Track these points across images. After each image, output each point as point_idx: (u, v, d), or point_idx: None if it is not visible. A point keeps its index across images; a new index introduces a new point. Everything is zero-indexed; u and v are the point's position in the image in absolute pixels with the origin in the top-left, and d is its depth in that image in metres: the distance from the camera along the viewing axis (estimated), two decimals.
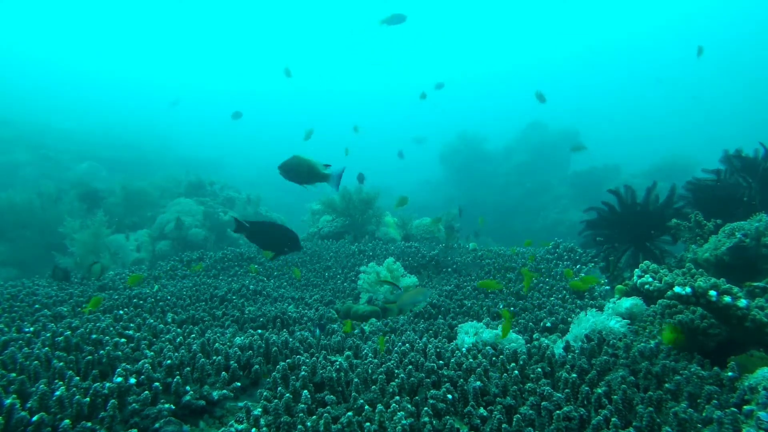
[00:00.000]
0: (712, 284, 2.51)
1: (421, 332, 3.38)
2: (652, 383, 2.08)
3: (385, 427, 1.87)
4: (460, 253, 5.72)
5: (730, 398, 1.87)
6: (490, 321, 3.46)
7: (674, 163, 15.82)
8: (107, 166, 14.70)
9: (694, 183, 4.87)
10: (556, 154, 18.19)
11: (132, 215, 9.19)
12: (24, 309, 3.61)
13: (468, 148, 19.05)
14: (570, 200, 16.38)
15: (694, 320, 2.56)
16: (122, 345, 2.73)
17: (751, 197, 4.35)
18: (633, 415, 1.83)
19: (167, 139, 23.38)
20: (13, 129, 15.49)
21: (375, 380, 2.20)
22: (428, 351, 2.59)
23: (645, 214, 4.72)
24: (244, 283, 4.64)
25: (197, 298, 4.10)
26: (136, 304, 3.79)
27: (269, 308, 3.89)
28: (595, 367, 2.24)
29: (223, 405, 2.38)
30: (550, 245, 5.39)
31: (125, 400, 2.08)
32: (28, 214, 8.07)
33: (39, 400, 1.95)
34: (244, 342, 2.85)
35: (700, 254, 3.71)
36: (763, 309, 2.43)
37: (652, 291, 3.09)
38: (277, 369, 2.38)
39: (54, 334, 2.80)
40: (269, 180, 21.48)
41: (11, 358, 2.39)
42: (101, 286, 4.66)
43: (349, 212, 7.77)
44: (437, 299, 4.14)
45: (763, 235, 3.37)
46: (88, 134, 18.19)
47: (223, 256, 5.91)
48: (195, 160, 20.60)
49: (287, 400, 2.02)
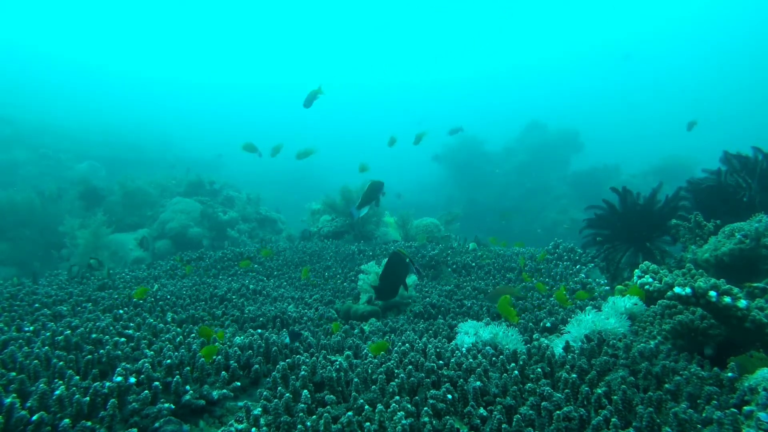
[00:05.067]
0: (712, 285, 2.51)
1: (421, 332, 3.38)
2: (652, 384, 2.08)
3: (385, 427, 1.87)
4: (460, 253, 5.72)
5: (729, 399, 1.87)
6: (490, 321, 3.46)
7: (674, 163, 15.84)
8: (107, 166, 14.69)
9: (695, 183, 4.87)
10: (555, 154, 18.20)
11: (132, 214, 9.19)
12: (24, 308, 3.60)
13: (468, 148, 19.07)
14: (570, 200, 16.39)
15: (694, 321, 2.56)
16: (122, 344, 2.73)
17: (751, 198, 4.36)
18: (633, 415, 1.83)
19: (167, 138, 23.38)
20: (12, 127, 15.48)
21: (375, 380, 2.20)
22: (428, 351, 2.59)
23: (645, 214, 4.72)
24: (244, 283, 4.64)
25: (197, 297, 4.10)
26: (135, 304, 3.79)
27: (269, 308, 3.89)
28: (595, 367, 2.24)
29: (222, 404, 2.38)
30: (550, 245, 5.39)
31: (125, 399, 2.08)
32: (28, 213, 8.07)
33: (39, 399, 1.95)
34: (244, 341, 2.85)
35: (700, 255, 3.71)
36: (762, 310, 2.44)
37: (652, 291, 3.09)
38: (277, 369, 2.38)
39: (54, 333, 2.80)
40: (269, 179, 21.50)
41: (11, 358, 2.38)
42: (101, 285, 4.65)
43: (348, 211, 7.76)
44: (437, 299, 4.14)
45: (763, 235, 3.37)
46: (87, 133, 18.18)
47: (223, 255, 5.91)
48: (195, 159, 20.60)
49: (287, 399, 2.02)
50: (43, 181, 9.81)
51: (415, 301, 4.28)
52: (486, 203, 17.06)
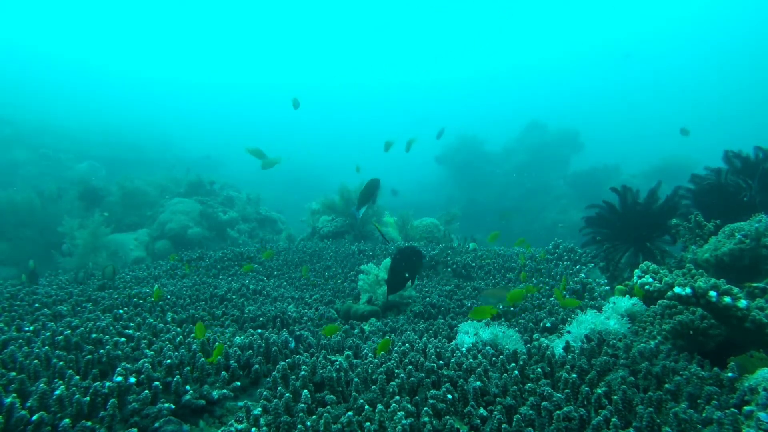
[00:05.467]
0: (712, 285, 2.51)
1: (421, 332, 3.38)
2: (652, 384, 2.08)
3: (385, 426, 1.86)
4: (460, 253, 5.72)
5: (730, 399, 1.87)
6: (490, 321, 3.46)
7: (674, 163, 15.82)
8: (107, 166, 14.68)
9: (695, 183, 4.87)
10: (555, 154, 18.20)
11: (132, 214, 9.19)
12: (24, 308, 3.60)
13: (468, 148, 19.07)
14: (570, 200, 16.39)
15: (694, 321, 2.56)
16: (122, 344, 2.73)
17: (751, 198, 4.36)
18: (633, 415, 1.83)
19: (167, 138, 23.37)
20: (12, 127, 15.48)
21: (375, 380, 2.20)
22: (428, 351, 2.59)
23: (645, 214, 4.72)
24: (244, 283, 4.64)
25: (197, 297, 4.10)
26: (135, 304, 3.79)
27: (269, 308, 3.89)
28: (595, 367, 2.24)
29: (222, 404, 2.38)
30: (550, 245, 5.39)
31: (125, 399, 2.08)
32: (28, 213, 8.07)
33: (39, 399, 1.95)
34: (244, 341, 2.85)
35: (700, 255, 3.71)
36: (762, 310, 2.44)
37: (652, 291, 3.09)
38: (277, 369, 2.38)
39: (54, 333, 2.80)
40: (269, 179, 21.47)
41: (11, 357, 2.38)
42: (101, 285, 4.65)
43: (348, 211, 7.76)
44: (437, 299, 4.13)
45: (763, 235, 3.37)
46: (87, 133, 18.17)
47: (223, 255, 5.91)
48: (195, 159, 20.59)
49: (287, 399, 2.02)
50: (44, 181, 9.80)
51: (415, 301, 4.28)
52: (486, 203, 17.06)
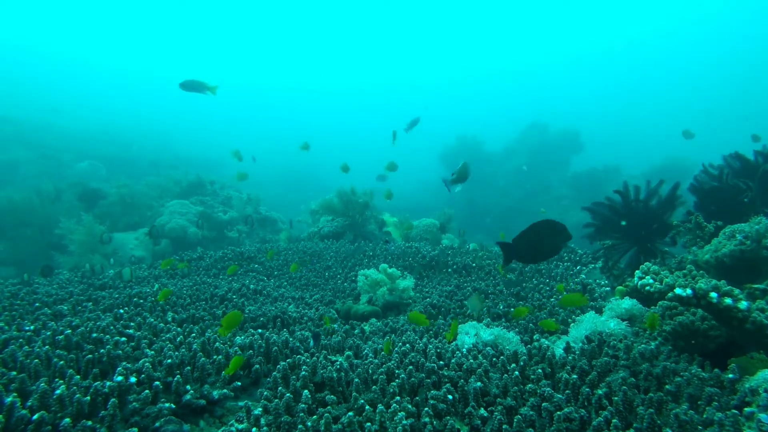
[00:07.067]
0: (713, 286, 2.51)
1: (422, 332, 3.38)
2: (653, 385, 2.08)
3: (386, 427, 1.86)
4: (460, 254, 5.72)
5: (730, 400, 1.87)
6: (490, 321, 3.46)
7: (674, 164, 15.83)
8: (107, 165, 14.67)
9: (696, 183, 4.87)
10: (556, 155, 18.19)
11: (132, 214, 9.18)
12: (24, 307, 3.60)
13: (468, 149, 19.06)
14: (570, 201, 16.38)
15: (695, 322, 2.56)
16: (123, 344, 2.73)
17: (752, 199, 4.36)
18: (634, 416, 1.83)
19: (167, 138, 23.37)
20: (12, 126, 15.47)
21: (375, 380, 2.20)
22: (429, 351, 2.59)
23: (646, 215, 4.72)
24: (245, 283, 4.64)
25: (197, 297, 4.09)
26: (136, 303, 3.79)
27: (269, 308, 3.89)
28: (596, 368, 2.24)
29: (223, 404, 2.38)
30: None
31: (126, 398, 2.08)
32: (27, 212, 8.06)
33: (39, 398, 1.95)
34: (245, 341, 2.85)
35: (701, 256, 3.71)
36: (763, 311, 2.44)
37: (653, 292, 3.09)
38: (278, 369, 2.38)
39: (54, 332, 2.80)
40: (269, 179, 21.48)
41: (12, 357, 2.38)
42: (101, 285, 4.65)
43: (347, 212, 7.76)
44: (437, 299, 4.13)
45: (764, 237, 3.37)
46: (87, 132, 18.16)
47: (223, 255, 5.91)
48: (195, 159, 20.59)
49: (288, 399, 2.02)
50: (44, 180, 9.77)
51: (416, 301, 4.28)
52: (486, 204, 17.05)
